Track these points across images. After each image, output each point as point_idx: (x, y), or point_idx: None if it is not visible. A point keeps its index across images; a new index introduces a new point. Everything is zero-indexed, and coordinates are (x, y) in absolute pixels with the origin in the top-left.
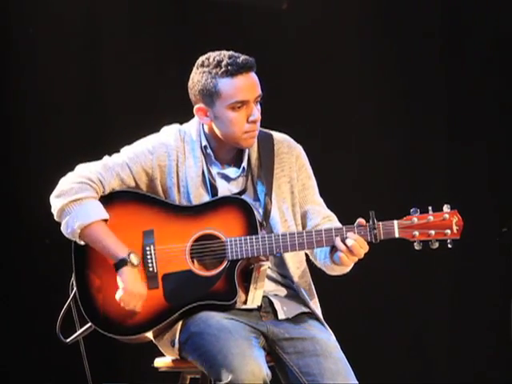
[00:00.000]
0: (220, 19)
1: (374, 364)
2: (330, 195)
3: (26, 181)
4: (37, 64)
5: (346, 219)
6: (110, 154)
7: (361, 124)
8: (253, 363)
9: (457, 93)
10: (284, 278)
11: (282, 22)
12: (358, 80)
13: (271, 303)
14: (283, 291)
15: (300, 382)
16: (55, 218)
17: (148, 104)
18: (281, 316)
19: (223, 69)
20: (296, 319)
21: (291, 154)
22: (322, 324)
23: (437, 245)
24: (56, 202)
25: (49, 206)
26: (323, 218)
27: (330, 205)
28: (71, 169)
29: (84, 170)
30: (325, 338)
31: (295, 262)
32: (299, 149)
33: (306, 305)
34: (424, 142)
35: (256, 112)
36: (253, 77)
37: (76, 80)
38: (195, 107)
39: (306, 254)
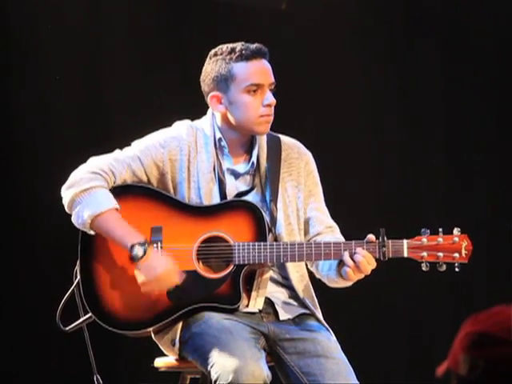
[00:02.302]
0: (220, 19)
1: (374, 364)
2: (337, 209)
3: (26, 177)
4: (37, 63)
5: (352, 234)
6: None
7: (362, 130)
8: (253, 364)
9: (457, 99)
10: (285, 279)
11: (281, 22)
12: (358, 80)
13: (272, 304)
14: (284, 292)
15: (301, 382)
16: (66, 209)
17: (149, 102)
18: (282, 317)
19: (237, 53)
20: (297, 320)
21: (301, 160)
22: (323, 325)
23: (444, 267)
24: (67, 194)
25: (47, 200)
26: (326, 227)
27: (336, 218)
28: (73, 166)
29: (95, 162)
30: (325, 338)
31: (295, 266)
32: (309, 155)
33: (306, 305)
34: (425, 154)
35: (271, 96)
36: (266, 63)
37: (77, 79)
38: (209, 96)
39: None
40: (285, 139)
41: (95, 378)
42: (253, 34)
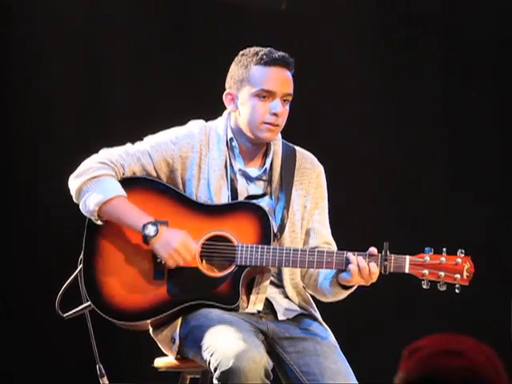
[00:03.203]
0: (220, 19)
1: (373, 364)
2: (340, 221)
3: (26, 173)
4: (37, 63)
5: (354, 247)
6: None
7: (362, 133)
8: (253, 350)
9: (457, 101)
10: (281, 281)
11: (281, 22)
12: (358, 80)
13: (271, 304)
14: (283, 293)
15: (300, 381)
16: (74, 199)
17: (149, 102)
18: (280, 317)
19: (259, 57)
20: (296, 319)
21: (313, 171)
22: (322, 325)
23: (445, 287)
24: (74, 183)
25: (46, 197)
26: (324, 242)
27: (338, 231)
28: (72, 165)
29: (106, 153)
30: (324, 338)
31: (290, 274)
32: (321, 168)
33: (303, 308)
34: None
35: (279, 106)
36: (286, 73)
37: (77, 78)
38: (225, 93)
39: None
40: (300, 150)
41: (98, 368)
42: (253, 34)
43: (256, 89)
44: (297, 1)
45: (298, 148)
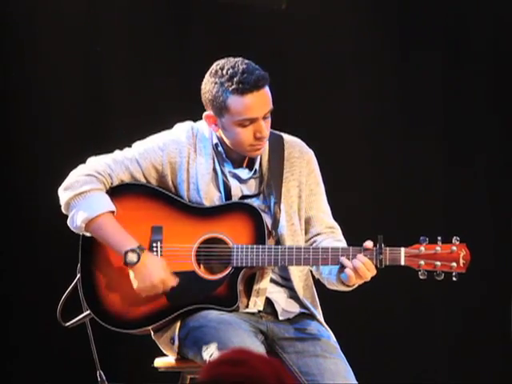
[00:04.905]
0: (220, 19)
1: (373, 364)
2: (336, 214)
3: (26, 174)
4: (37, 62)
5: (351, 240)
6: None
7: (361, 131)
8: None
9: (457, 103)
10: (285, 280)
11: (281, 22)
12: (358, 80)
13: (271, 304)
14: (284, 292)
15: (299, 381)
16: (63, 210)
17: (149, 102)
18: (281, 317)
19: (234, 86)
20: (296, 319)
21: (302, 159)
22: (322, 325)
23: (442, 276)
24: (63, 196)
25: (47, 199)
26: (326, 227)
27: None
28: (72, 166)
29: (93, 163)
30: (325, 338)
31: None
32: (311, 154)
33: (306, 306)
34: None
35: (263, 129)
36: (264, 93)
37: (77, 79)
38: (204, 113)
39: None
40: (287, 138)
41: (98, 374)
42: (253, 34)
43: (237, 119)
44: (297, 1)
45: (285, 136)
